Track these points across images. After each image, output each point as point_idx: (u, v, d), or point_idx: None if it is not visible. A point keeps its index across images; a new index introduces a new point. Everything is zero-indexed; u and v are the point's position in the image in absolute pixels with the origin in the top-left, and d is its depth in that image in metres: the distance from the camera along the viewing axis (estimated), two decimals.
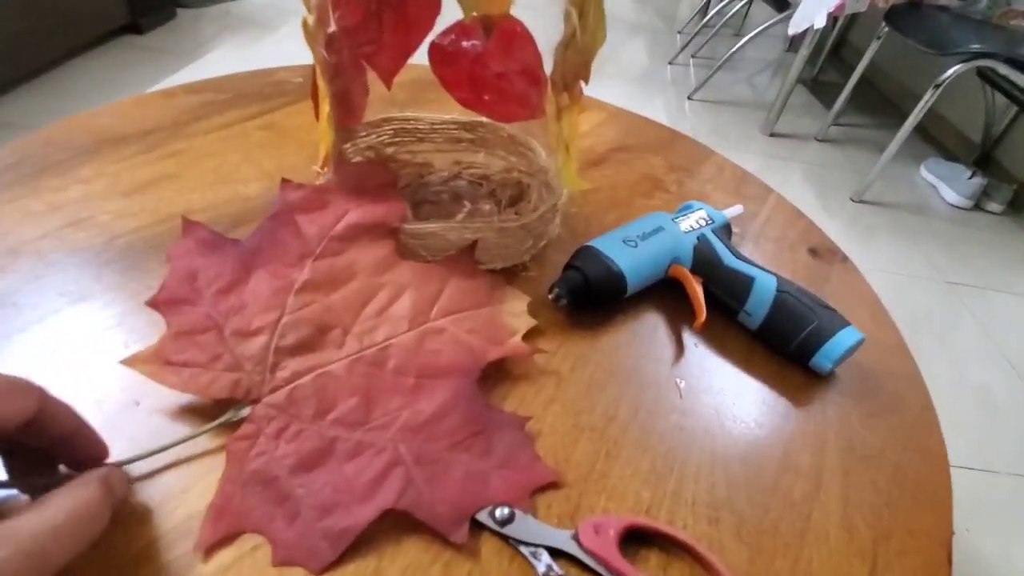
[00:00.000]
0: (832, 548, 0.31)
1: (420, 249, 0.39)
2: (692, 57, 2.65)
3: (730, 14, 2.60)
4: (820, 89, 2.61)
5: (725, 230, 0.46)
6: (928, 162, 2.10)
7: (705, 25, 2.66)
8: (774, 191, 0.59)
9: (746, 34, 2.17)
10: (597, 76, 0.38)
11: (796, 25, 1.79)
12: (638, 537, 0.29)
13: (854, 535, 0.31)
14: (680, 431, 0.35)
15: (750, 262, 0.42)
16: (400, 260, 0.37)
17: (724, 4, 2.66)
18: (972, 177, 1.93)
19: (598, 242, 0.41)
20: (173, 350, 0.31)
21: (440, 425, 0.31)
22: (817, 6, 1.72)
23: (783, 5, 2.17)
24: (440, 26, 0.40)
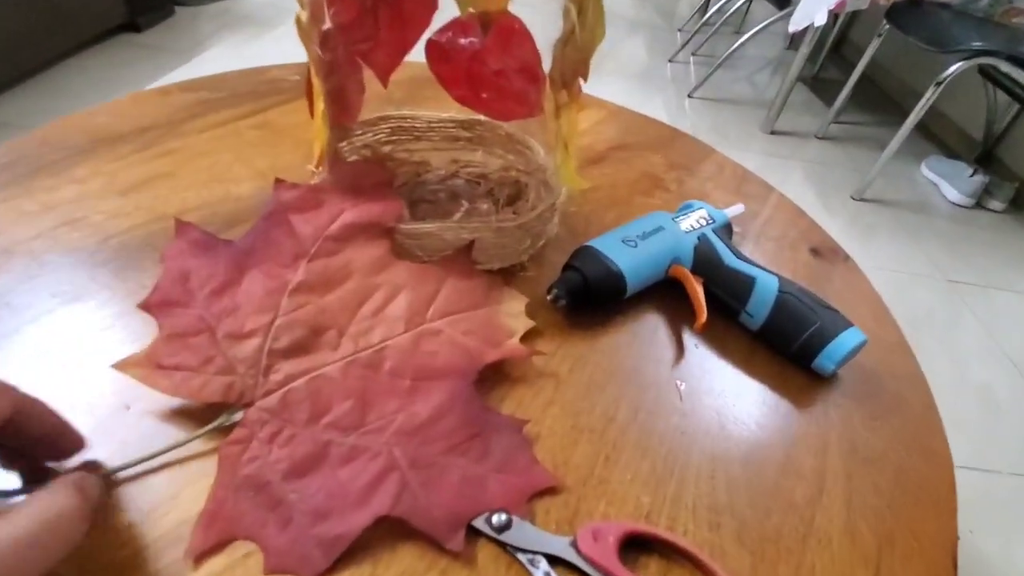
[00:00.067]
0: (835, 553, 0.30)
1: (416, 249, 0.38)
2: (692, 55, 2.64)
3: (730, 11, 2.59)
4: (821, 87, 2.60)
5: (726, 229, 0.45)
6: (929, 160, 2.09)
7: (705, 23, 2.66)
8: (775, 190, 0.58)
9: (746, 32, 2.16)
10: (596, 74, 0.38)
11: (796, 23, 1.78)
12: (638, 543, 0.29)
13: (857, 539, 0.31)
14: (680, 434, 0.35)
15: (751, 262, 0.41)
16: (396, 260, 0.37)
17: (724, 2, 2.65)
18: (973, 175, 1.92)
19: (597, 242, 0.41)
20: (165, 353, 0.31)
21: (436, 428, 0.30)
22: (818, 3, 1.71)
23: (783, 3, 2.16)
24: (437, 23, 0.39)
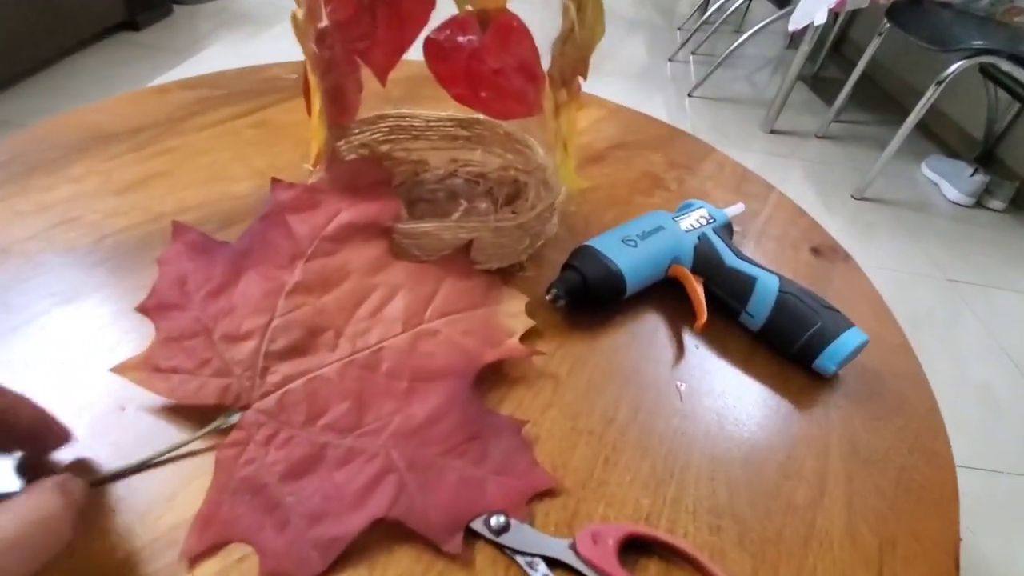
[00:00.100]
0: (837, 556, 0.30)
1: (414, 249, 0.38)
2: (692, 54, 2.63)
3: (730, 10, 2.59)
4: (821, 86, 2.60)
5: (726, 229, 0.45)
6: (930, 159, 2.09)
7: (705, 22, 2.65)
8: (775, 189, 0.58)
9: (746, 31, 2.16)
10: (596, 73, 0.38)
11: (796, 22, 1.78)
12: (638, 546, 0.28)
13: (859, 542, 0.31)
14: (680, 435, 0.34)
15: (752, 262, 0.41)
16: (394, 260, 0.36)
17: (724, 1, 2.64)
18: (974, 174, 1.92)
19: (597, 241, 0.40)
20: (162, 356, 0.30)
21: (434, 430, 0.30)
22: (818, 2, 1.71)
23: (783, 1, 2.16)
24: (435, 21, 0.39)
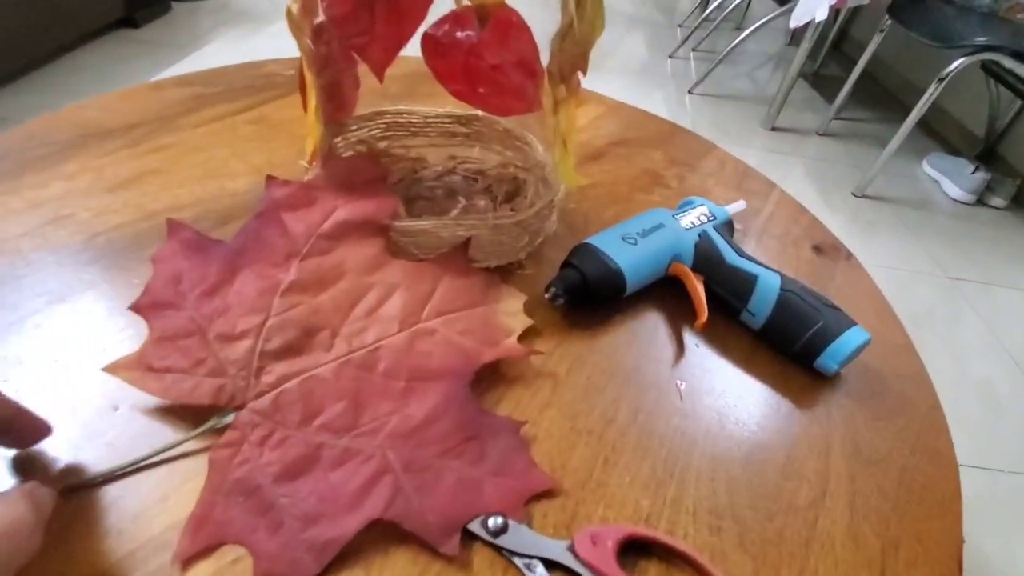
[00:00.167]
0: (839, 557, 0.30)
1: (412, 247, 0.38)
2: (692, 51, 2.62)
3: (731, 7, 2.58)
4: (822, 83, 2.59)
5: (727, 227, 0.45)
6: (931, 157, 2.08)
7: (706, 18, 2.64)
8: (777, 186, 0.57)
9: (747, 27, 2.15)
10: (596, 70, 0.37)
11: (797, 18, 1.77)
12: (637, 547, 0.28)
13: (861, 543, 0.30)
14: (681, 435, 0.34)
15: (753, 260, 0.41)
16: (391, 259, 0.36)
17: None
18: (975, 172, 1.91)
19: (596, 239, 0.40)
20: (155, 356, 0.30)
21: (431, 430, 0.30)
22: None
23: None
24: (433, 16, 0.38)
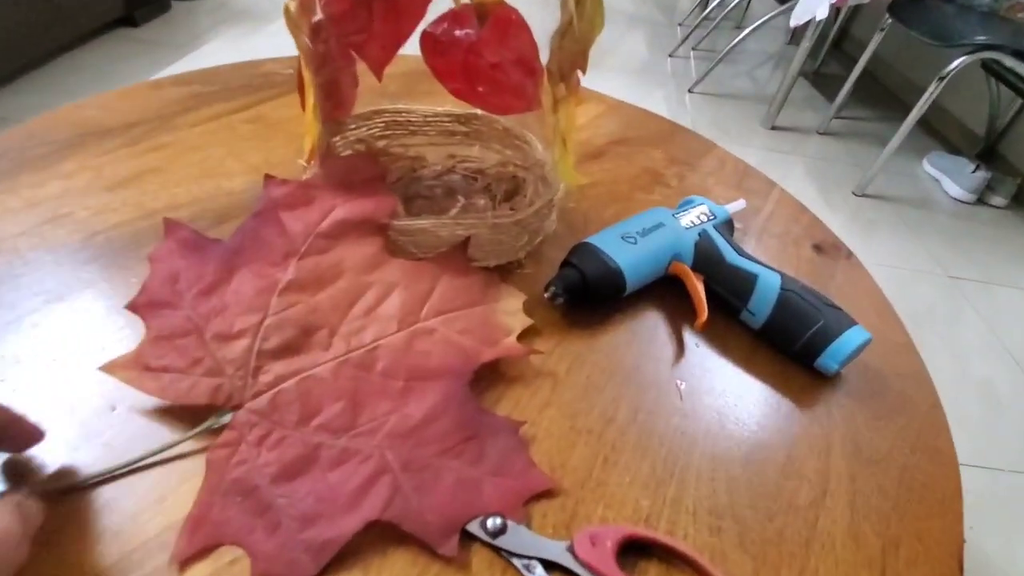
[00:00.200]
0: (839, 557, 0.29)
1: (410, 246, 0.37)
2: (693, 49, 2.62)
3: (731, 6, 2.57)
4: (822, 82, 2.59)
5: (727, 226, 0.44)
6: (931, 156, 2.08)
7: (706, 17, 2.64)
8: (777, 185, 0.57)
9: (747, 26, 2.15)
10: (596, 69, 0.37)
11: (798, 17, 1.77)
12: (637, 548, 0.28)
13: (861, 543, 0.30)
14: (680, 434, 0.34)
15: (753, 259, 0.41)
16: (389, 258, 0.36)
17: None
18: (975, 171, 1.91)
19: (596, 238, 0.40)
20: (152, 355, 0.30)
21: (429, 430, 0.30)
22: None
23: None
24: (432, 14, 0.38)
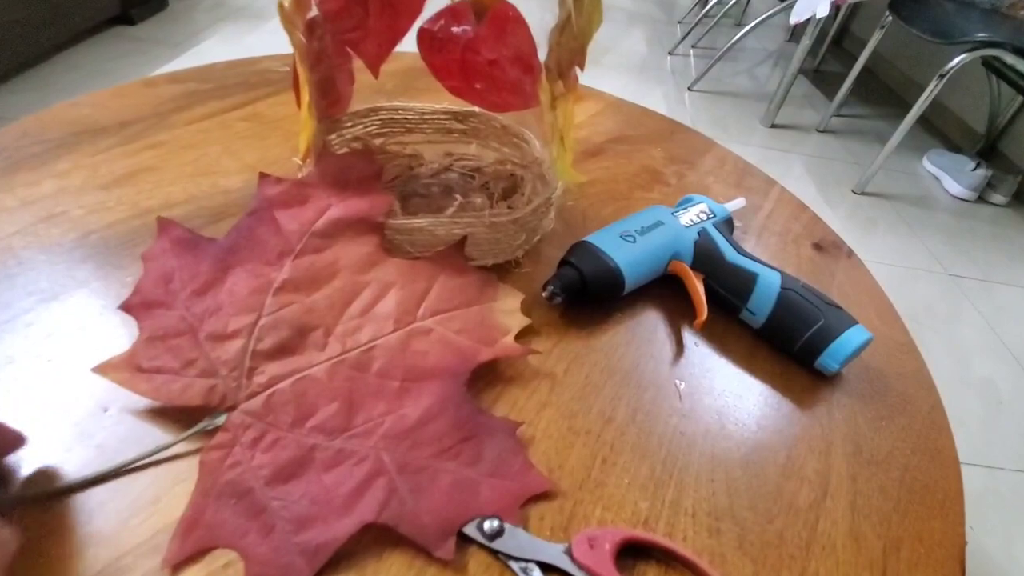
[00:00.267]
0: (840, 559, 0.29)
1: (407, 245, 0.37)
2: (692, 47, 2.61)
3: (730, 4, 2.56)
4: (822, 80, 2.58)
5: (727, 224, 0.44)
6: (931, 153, 2.08)
7: (705, 15, 2.63)
8: (777, 183, 0.57)
9: (747, 24, 2.14)
10: (595, 67, 0.37)
11: (798, 14, 1.76)
12: (635, 550, 0.28)
13: (862, 544, 0.30)
14: (680, 435, 0.34)
15: (753, 258, 0.40)
16: (385, 257, 0.36)
17: None
18: (976, 168, 1.91)
19: (595, 237, 0.40)
20: (145, 356, 0.30)
21: (426, 431, 0.29)
22: None
23: None
24: (429, 10, 0.38)
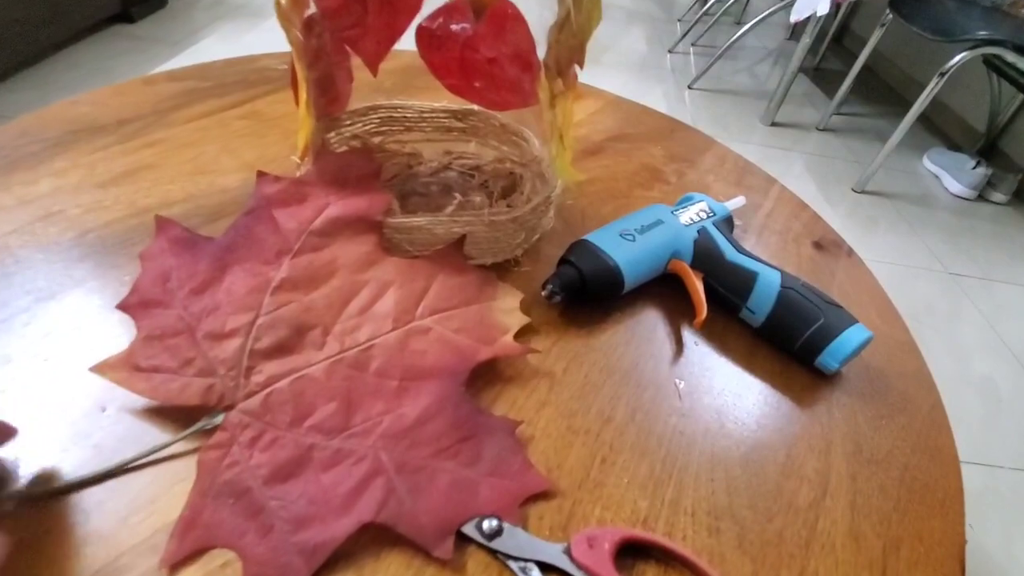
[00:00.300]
0: (839, 558, 0.29)
1: (406, 244, 0.37)
2: (692, 45, 2.61)
3: (730, 2, 2.56)
4: (822, 78, 2.58)
5: (727, 223, 0.44)
6: (931, 152, 2.07)
7: (705, 13, 2.63)
8: (777, 182, 0.57)
9: (747, 22, 2.14)
10: (595, 65, 0.37)
11: (798, 12, 1.76)
12: (634, 550, 0.28)
13: (862, 544, 0.30)
14: (679, 434, 0.34)
15: (753, 256, 0.40)
16: (384, 255, 0.35)
17: None
18: (976, 167, 1.90)
19: (594, 236, 0.39)
20: (143, 355, 0.29)
21: (424, 431, 0.29)
22: None
23: None
24: (428, 8, 0.38)
